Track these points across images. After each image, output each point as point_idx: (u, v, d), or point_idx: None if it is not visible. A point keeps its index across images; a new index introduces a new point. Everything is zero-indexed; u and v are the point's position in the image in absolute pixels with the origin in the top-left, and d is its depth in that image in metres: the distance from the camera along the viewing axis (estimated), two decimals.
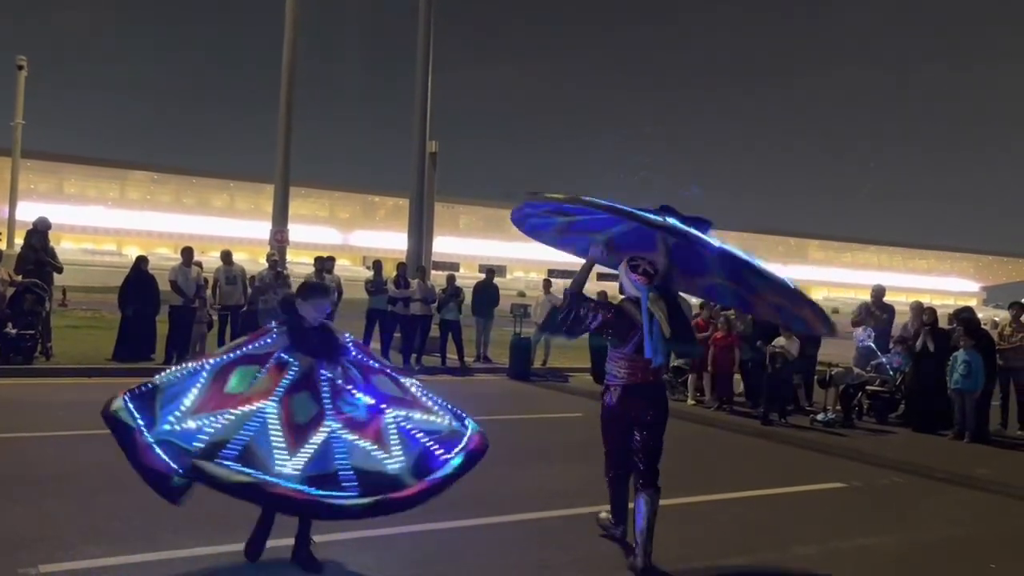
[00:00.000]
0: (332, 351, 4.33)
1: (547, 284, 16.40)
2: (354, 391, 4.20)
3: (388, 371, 4.50)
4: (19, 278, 11.68)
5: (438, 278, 15.41)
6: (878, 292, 12.48)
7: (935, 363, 10.56)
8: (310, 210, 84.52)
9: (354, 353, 4.44)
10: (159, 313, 12.74)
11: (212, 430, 3.78)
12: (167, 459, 3.68)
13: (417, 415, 4.31)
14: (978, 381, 9.99)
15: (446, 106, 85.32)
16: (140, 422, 3.82)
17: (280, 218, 16.58)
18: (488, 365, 15.08)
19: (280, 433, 3.85)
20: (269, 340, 4.29)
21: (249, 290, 13.32)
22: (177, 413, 3.85)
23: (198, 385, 4.01)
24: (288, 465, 3.76)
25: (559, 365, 15.63)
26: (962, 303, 20.29)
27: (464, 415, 4.73)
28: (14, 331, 11.19)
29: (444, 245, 68.64)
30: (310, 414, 3.98)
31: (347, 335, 4.58)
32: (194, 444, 3.73)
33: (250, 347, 4.26)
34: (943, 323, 11.92)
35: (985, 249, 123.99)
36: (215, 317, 13.35)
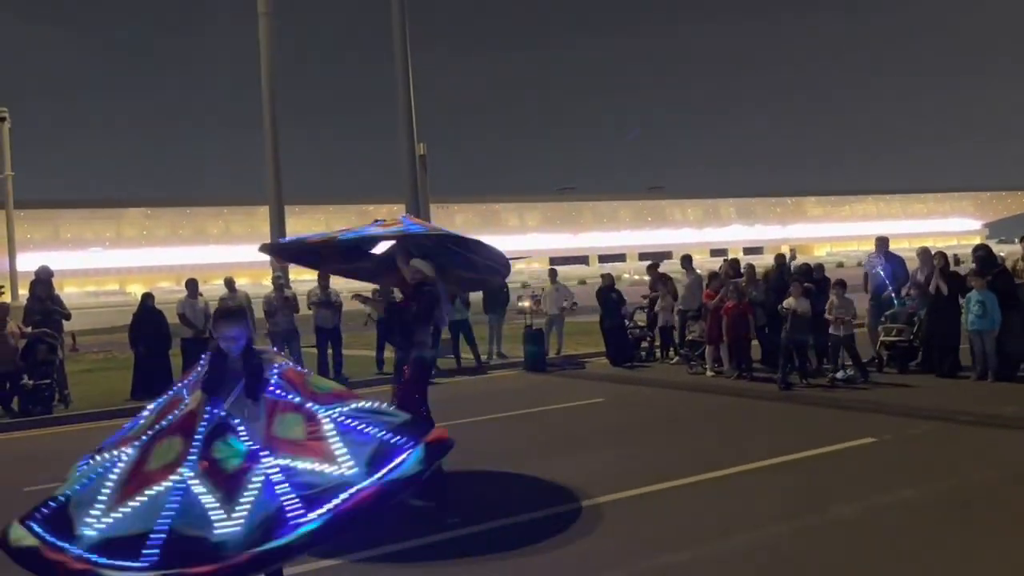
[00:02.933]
0: (253, 385, 3.95)
1: (553, 273, 16.36)
2: (243, 434, 3.80)
3: (307, 407, 4.00)
4: (29, 329, 11.69)
5: None
6: (882, 243, 12.32)
7: (950, 306, 10.51)
8: (306, 227, 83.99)
9: (274, 387, 4.01)
10: (171, 347, 12.75)
11: (116, 517, 3.43)
12: (100, 559, 3.29)
13: (303, 464, 3.75)
14: (994, 319, 9.93)
15: (432, 105, 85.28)
16: (60, 543, 3.38)
17: (278, 239, 16.56)
18: (503, 361, 15.07)
19: (111, 485, 3.54)
20: (193, 376, 4.05)
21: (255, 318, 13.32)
22: (98, 508, 3.48)
23: (114, 474, 3.65)
24: (94, 524, 3.40)
25: (573, 352, 15.61)
26: (966, 242, 20.24)
27: (407, 446, 3.93)
28: (31, 382, 11.20)
29: None
30: (167, 459, 3.64)
31: (281, 365, 4.16)
32: (162, 520, 3.40)
33: (165, 422, 3.91)
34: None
35: (983, 186, 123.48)
36: None
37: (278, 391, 3.99)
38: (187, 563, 3.27)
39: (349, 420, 3.85)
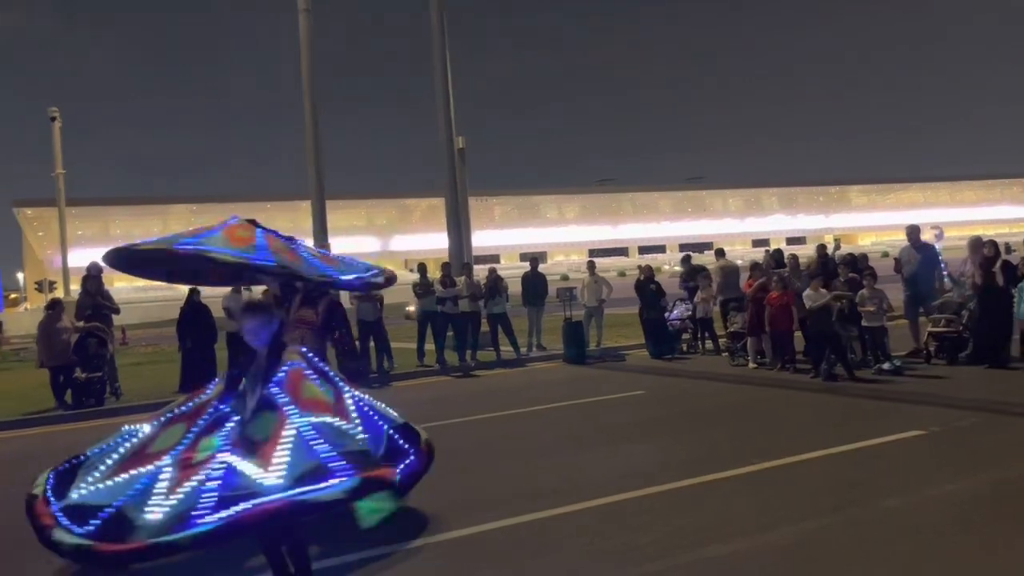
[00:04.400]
0: (261, 375, 4.16)
1: (591, 265, 16.32)
2: (228, 428, 4.12)
3: (285, 410, 4.10)
4: (80, 324, 12.01)
5: (479, 272, 15.43)
6: (912, 232, 12.03)
7: (1001, 296, 10.27)
8: (347, 221, 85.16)
9: (274, 384, 4.16)
10: (217, 341, 13.00)
11: (170, 504, 3.81)
12: (59, 520, 3.78)
13: (242, 466, 3.90)
14: None
15: (471, 97, 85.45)
16: (48, 494, 3.95)
17: (320, 233, 16.76)
18: (543, 353, 15.09)
19: (246, 462, 3.83)
20: (210, 389, 4.32)
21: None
22: (92, 477, 3.94)
23: (123, 448, 4.07)
24: (271, 476, 3.73)
25: (613, 344, 15.56)
26: (1018, 231, 19.70)
27: (409, 453, 4.73)
28: (83, 376, 11.53)
29: (482, 238, 68.67)
30: (269, 429, 3.97)
31: (292, 364, 4.28)
32: (118, 503, 3.81)
33: (188, 405, 4.27)
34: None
35: None
36: None
37: (274, 388, 4.17)
38: (113, 539, 3.66)
39: (311, 431, 4.00)
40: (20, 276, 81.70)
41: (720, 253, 14.54)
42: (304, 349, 4.60)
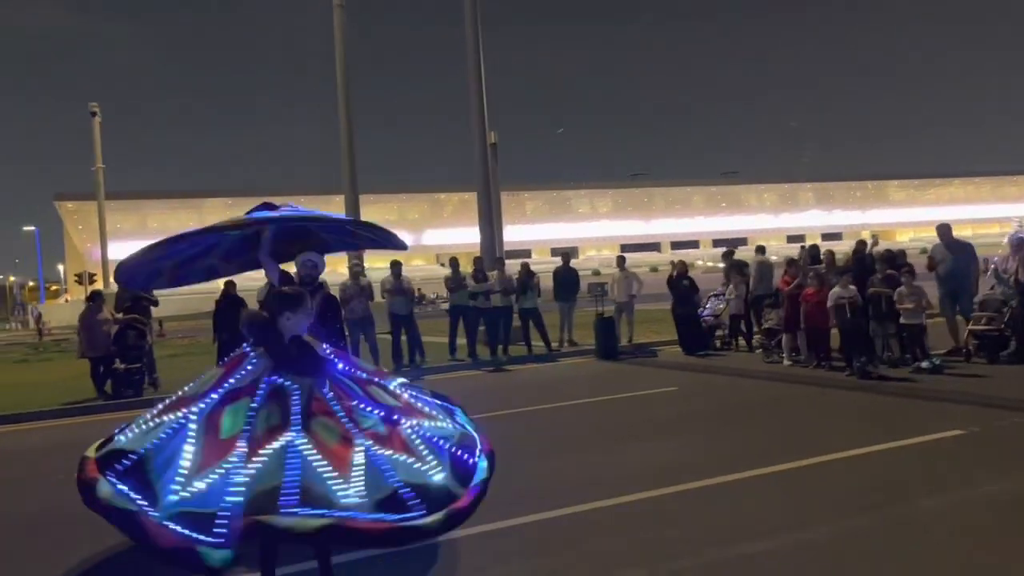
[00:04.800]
0: (316, 365, 4.03)
1: (621, 260, 16.26)
2: (362, 405, 3.93)
3: (376, 380, 4.26)
4: (120, 316, 12.23)
5: (511, 267, 15.46)
6: (944, 230, 11.80)
7: None
8: (379, 215, 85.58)
9: (340, 365, 4.16)
10: None
11: (246, 479, 3.45)
12: (189, 532, 3.30)
13: (426, 423, 4.07)
14: None
15: (503, 92, 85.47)
16: (141, 503, 3.44)
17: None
18: (574, 348, 15.07)
19: (324, 461, 3.55)
20: (250, 367, 3.96)
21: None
22: (179, 479, 3.48)
23: (189, 441, 3.64)
24: (351, 493, 3.46)
25: (645, 340, 15.49)
26: None
27: (454, 408, 4.54)
28: (122, 366, 11.75)
29: (513, 233, 68.78)
30: (336, 436, 3.71)
31: (324, 346, 4.29)
32: (228, 501, 3.39)
33: (231, 380, 3.91)
34: None
35: None
36: None
37: (348, 367, 4.19)
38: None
39: (380, 458, 3.76)
40: (60, 268, 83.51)
41: (760, 250, 14.39)
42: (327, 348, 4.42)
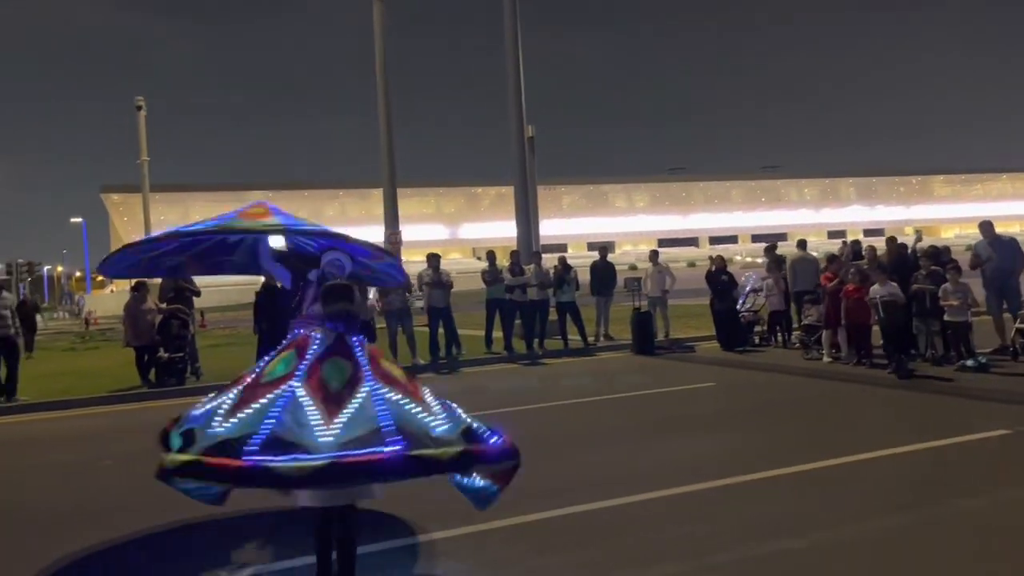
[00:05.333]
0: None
1: (654, 255, 16.15)
2: (355, 351, 4.04)
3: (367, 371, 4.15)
4: (163, 306, 12.48)
5: (548, 261, 15.45)
6: (986, 227, 11.54)
7: None
8: (417, 208, 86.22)
9: (355, 342, 4.18)
10: None
11: (232, 424, 3.66)
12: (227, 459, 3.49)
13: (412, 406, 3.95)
14: None
15: (541, 86, 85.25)
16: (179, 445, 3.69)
17: (392, 221, 17.03)
18: (611, 343, 15.03)
19: (313, 405, 3.69)
20: (316, 344, 4.12)
21: (371, 295, 13.75)
22: (216, 418, 3.74)
23: (230, 396, 3.90)
24: (328, 435, 3.55)
25: (682, 336, 15.39)
26: None
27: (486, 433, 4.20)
28: (166, 355, 11.99)
29: (550, 227, 68.61)
30: (344, 377, 3.85)
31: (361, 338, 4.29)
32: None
33: (310, 353, 4.06)
34: None
35: None
36: None
37: (355, 343, 4.16)
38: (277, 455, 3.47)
39: (382, 402, 3.85)
40: None
41: (801, 245, 14.21)
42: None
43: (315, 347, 4.00)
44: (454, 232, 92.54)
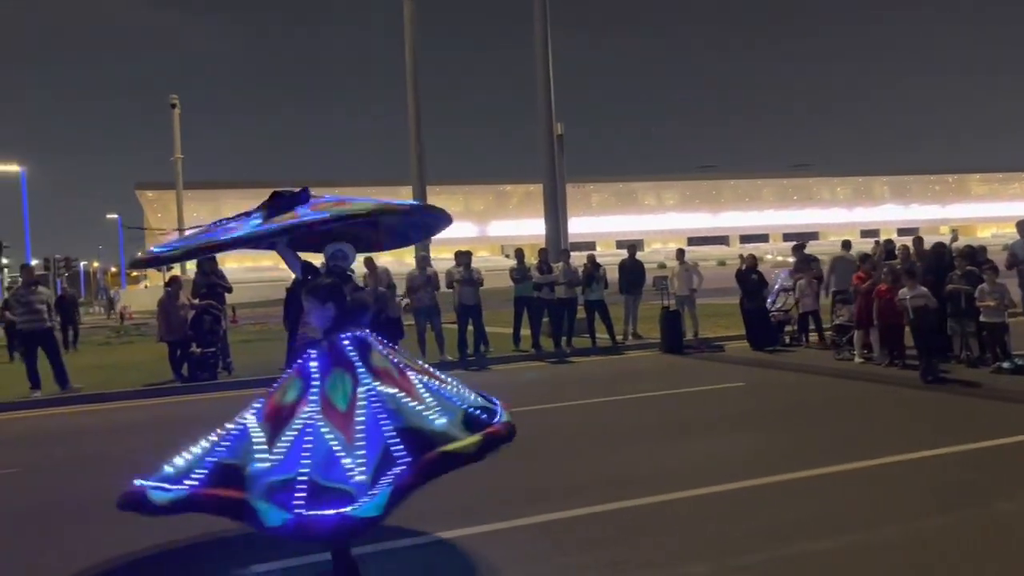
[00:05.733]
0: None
1: (680, 253, 16.03)
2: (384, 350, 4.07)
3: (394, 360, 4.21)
4: (196, 301, 12.65)
5: (577, 259, 15.41)
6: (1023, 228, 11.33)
7: None
8: (445, 206, 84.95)
9: (346, 340, 4.14)
10: None
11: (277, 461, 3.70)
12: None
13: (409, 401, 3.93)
14: None
15: (569, 83, 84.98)
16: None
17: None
18: (639, 341, 14.97)
19: (334, 438, 3.67)
20: (313, 362, 4.08)
21: (399, 293, 13.82)
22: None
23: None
24: (359, 475, 3.54)
25: (711, 335, 15.29)
26: None
27: (496, 408, 4.26)
28: (198, 350, 12.16)
29: (578, 225, 68.45)
30: (347, 390, 3.85)
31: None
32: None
33: (314, 379, 4.01)
34: None
35: None
36: None
37: (346, 342, 4.11)
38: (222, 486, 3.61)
39: (378, 405, 3.85)
40: (140, 255, 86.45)
41: (846, 245, 14.04)
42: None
43: (315, 369, 3.96)
44: (483, 230, 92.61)
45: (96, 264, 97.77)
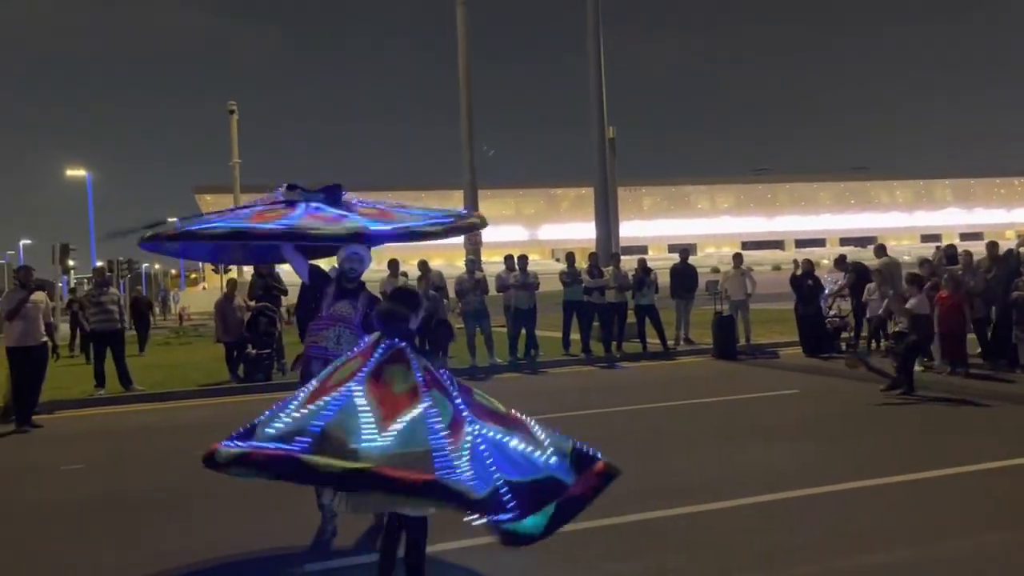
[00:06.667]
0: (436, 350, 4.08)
1: (738, 258, 15.78)
2: (414, 364, 3.83)
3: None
4: (252, 303, 12.92)
5: (627, 263, 15.31)
6: None
7: None
8: (496, 210, 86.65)
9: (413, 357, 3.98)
10: None
11: (287, 423, 3.60)
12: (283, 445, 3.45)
13: (514, 442, 3.75)
14: None
15: (621, 86, 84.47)
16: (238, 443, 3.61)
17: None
18: (691, 347, 14.81)
19: (368, 409, 3.57)
20: (383, 347, 3.97)
21: (448, 296, 13.90)
22: (285, 417, 3.66)
23: (299, 397, 3.82)
24: (376, 441, 3.43)
25: (765, 341, 15.05)
26: None
27: (589, 453, 4.04)
28: (254, 352, 12.41)
29: (630, 229, 68.01)
30: (407, 383, 3.71)
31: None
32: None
33: (377, 354, 3.94)
34: None
35: None
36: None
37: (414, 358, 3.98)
38: (333, 454, 3.36)
39: (436, 417, 3.68)
40: None
41: (952, 257, 13.41)
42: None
43: (381, 349, 3.90)
44: (533, 234, 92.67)
45: (157, 266, 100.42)
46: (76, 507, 6.16)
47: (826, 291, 13.88)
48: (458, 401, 3.81)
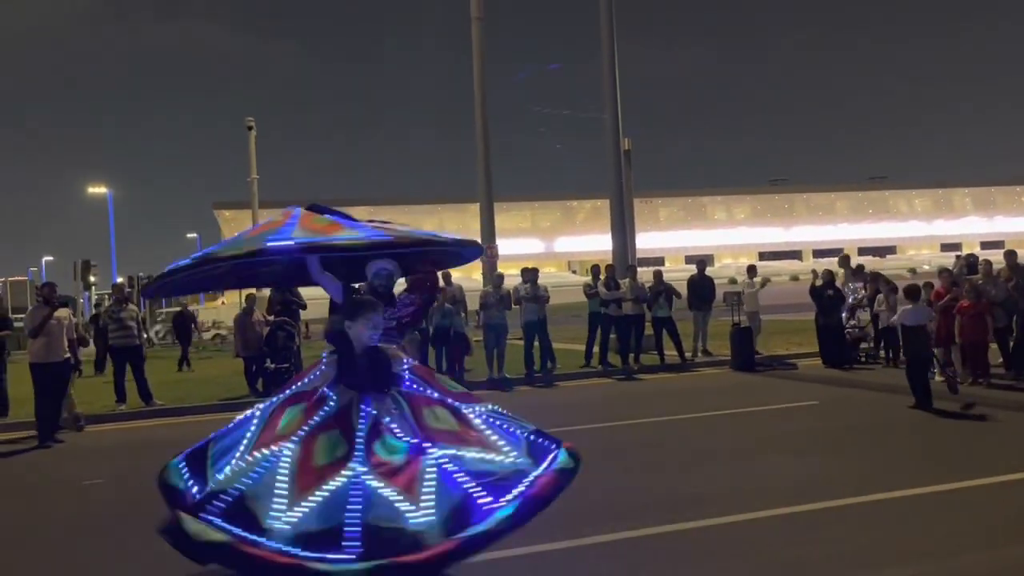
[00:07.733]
0: (381, 380, 4.00)
1: (751, 269, 15.69)
2: (397, 430, 3.84)
3: (449, 402, 4.12)
4: (271, 318, 13.01)
5: (644, 275, 15.29)
6: None
7: None
8: (513, 223, 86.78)
9: (408, 382, 4.11)
10: None
11: (221, 478, 3.64)
12: (327, 554, 3.37)
13: (471, 454, 3.82)
14: None
15: (636, 96, 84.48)
16: (190, 483, 3.76)
17: (488, 235, 17.22)
18: (709, 358, 14.75)
19: (286, 479, 3.55)
20: (317, 373, 4.09)
21: (467, 310, 13.94)
22: (229, 466, 3.71)
23: (249, 432, 3.85)
24: (282, 518, 3.42)
25: (783, 352, 14.96)
26: None
27: (553, 446, 4.08)
28: (272, 366, 12.48)
29: (646, 240, 67.89)
30: (335, 455, 3.66)
31: (407, 361, 4.25)
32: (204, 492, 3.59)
33: (299, 384, 4.06)
34: None
35: None
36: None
37: (414, 385, 4.14)
38: (393, 552, 3.32)
39: (492, 418, 4.04)
40: None
41: (972, 266, 13.38)
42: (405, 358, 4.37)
43: (324, 411, 3.88)
44: (549, 246, 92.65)
45: None
46: (98, 521, 6.21)
47: (849, 300, 13.79)
48: (413, 440, 3.82)
